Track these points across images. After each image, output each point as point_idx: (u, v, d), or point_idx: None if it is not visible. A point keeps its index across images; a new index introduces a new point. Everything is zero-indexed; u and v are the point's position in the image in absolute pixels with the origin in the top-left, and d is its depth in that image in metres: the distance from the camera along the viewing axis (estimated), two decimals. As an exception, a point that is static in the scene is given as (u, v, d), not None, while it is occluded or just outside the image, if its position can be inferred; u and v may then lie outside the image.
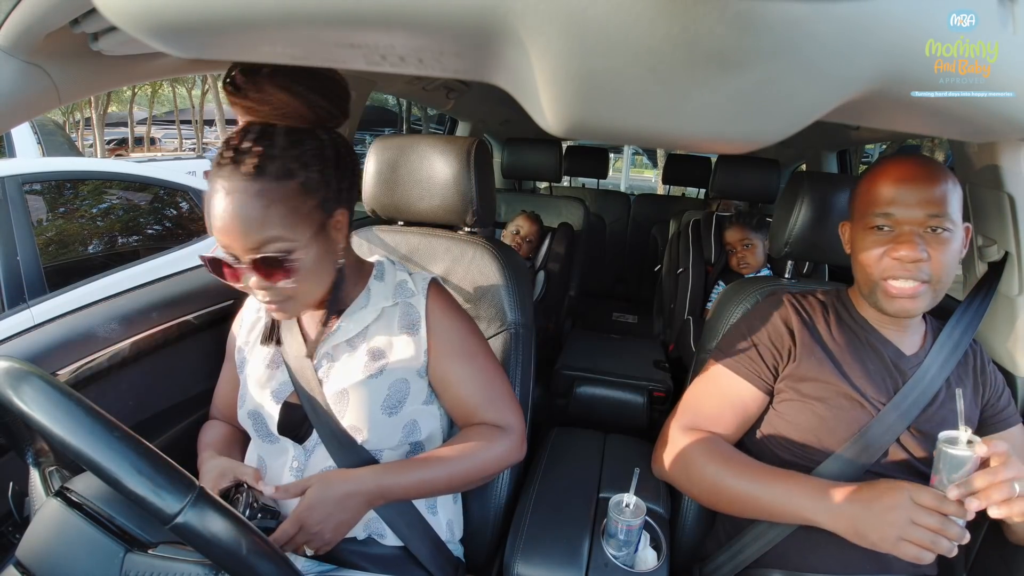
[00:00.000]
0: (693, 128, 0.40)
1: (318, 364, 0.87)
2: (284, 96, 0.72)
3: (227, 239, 0.73)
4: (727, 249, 2.14)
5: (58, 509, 0.55)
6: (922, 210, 0.81)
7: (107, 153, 13.63)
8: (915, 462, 0.87)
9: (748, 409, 0.94)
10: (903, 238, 0.82)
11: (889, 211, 0.83)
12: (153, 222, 3.05)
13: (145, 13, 0.42)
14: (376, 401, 0.85)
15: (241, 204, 0.71)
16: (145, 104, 16.79)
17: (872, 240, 0.85)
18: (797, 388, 0.91)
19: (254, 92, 0.71)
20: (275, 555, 0.54)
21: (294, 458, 0.86)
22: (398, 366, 0.88)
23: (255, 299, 0.87)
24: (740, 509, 0.87)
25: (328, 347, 0.88)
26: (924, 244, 0.81)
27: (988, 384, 0.92)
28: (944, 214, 0.81)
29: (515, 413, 0.93)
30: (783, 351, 0.93)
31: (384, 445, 0.87)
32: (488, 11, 0.34)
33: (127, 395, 1.01)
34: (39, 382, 0.51)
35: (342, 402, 0.85)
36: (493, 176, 1.16)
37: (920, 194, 0.81)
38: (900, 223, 0.83)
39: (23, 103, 0.64)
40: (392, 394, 0.87)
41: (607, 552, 0.88)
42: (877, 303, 0.87)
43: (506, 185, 2.97)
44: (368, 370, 0.86)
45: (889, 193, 0.83)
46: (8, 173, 2.31)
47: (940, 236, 0.81)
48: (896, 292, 0.83)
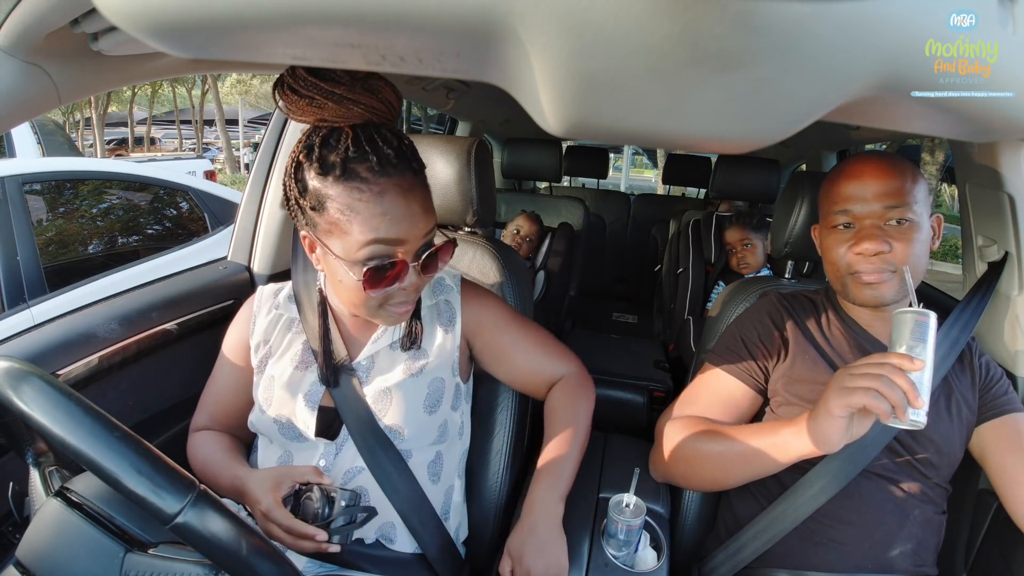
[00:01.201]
0: (693, 128, 0.40)
1: (358, 365, 0.88)
2: (367, 96, 0.72)
3: (412, 233, 0.75)
4: (727, 249, 2.15)
5: (58, 509, 0.55)
6: (879, 203, 0.82)
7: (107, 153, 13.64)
8: (911, 459, 0.87)
9: (740, 406, 0.95)
10: (864, 232, 0.83)
11: (847, 207, 0.84)
12: (153, 222, 3.05)
13: (145, 13, 0.42)
14: (418, 400, 0.87)
15: (422, 198, 0.76)
16: (145, 104, 16.81)
17: (835, 238, 0.87)
18: (791, 389, 0.91)
19: (349, 92, 0.71)
20: (275, 555, 0.54)
21: (322, 456, 0.86)
22: (435, 364, 0.90)
23: (362, 306, 0.80)
24: (725, 469, 0.86)
25: (374, 349, 0.88)
26: (885, 236, 0.82)
27: (984, 371, 0.91)
28: (903, 204, 0.82)
29: (568, 356, 1.01)
30: (773, 350, 0.94)
31: (419, 444, 0.89)
32: (488, 11, 0.34)
33: (127, 395, 1.01)
34: (39, 382, 0.51)
35: (383, 402, 0.86)
36: (493, 176, 1.16)
37: (876, 187, 0.82)
38: (860, 218, 0.84)
39: (23, 103, 0.64)
40: (431, 393, 0.89)
41: (607, 552, 0.88)
42: (850, 295, 0.88)
43: (506, 185, 2.97)
44: (409, 370, 0.88)
45: (846, 190, 0.85)
46: (8, 173, 2.31)
47: (902, 227, 0.82)
48: (864, 279, 0.84)
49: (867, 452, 0.86)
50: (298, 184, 0.75)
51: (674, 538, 1.05)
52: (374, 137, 0.73)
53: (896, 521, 0.87)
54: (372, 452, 0.85)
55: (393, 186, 0.73)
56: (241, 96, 17.70)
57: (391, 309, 0.80)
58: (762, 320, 0.97)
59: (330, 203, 0.72)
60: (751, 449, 0.82)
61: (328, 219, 0.73)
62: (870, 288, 0.85)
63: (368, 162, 0.72)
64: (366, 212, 0.72)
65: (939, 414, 0.88)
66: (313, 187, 0.73)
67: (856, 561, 0.86)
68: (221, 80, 15.30)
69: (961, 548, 1.00)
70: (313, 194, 0.73)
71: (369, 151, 0.72)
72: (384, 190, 0.72)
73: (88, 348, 0.93)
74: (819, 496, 0.86)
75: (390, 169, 0.73)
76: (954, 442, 0.88)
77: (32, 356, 0.86)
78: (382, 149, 0.73)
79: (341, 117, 0.72)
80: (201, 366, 1.15)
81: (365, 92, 0.71)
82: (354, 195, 0.72)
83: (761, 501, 0.94)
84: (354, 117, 0.72)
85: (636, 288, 3.43)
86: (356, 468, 0.86)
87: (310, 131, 0.75)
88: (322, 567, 0.85)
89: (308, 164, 0.73)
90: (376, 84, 0.73)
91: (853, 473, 0.86)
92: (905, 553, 0.87)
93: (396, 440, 0.86)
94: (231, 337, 0.95)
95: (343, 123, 0.73)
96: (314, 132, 0.74)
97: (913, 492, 0.88)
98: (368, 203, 0.72)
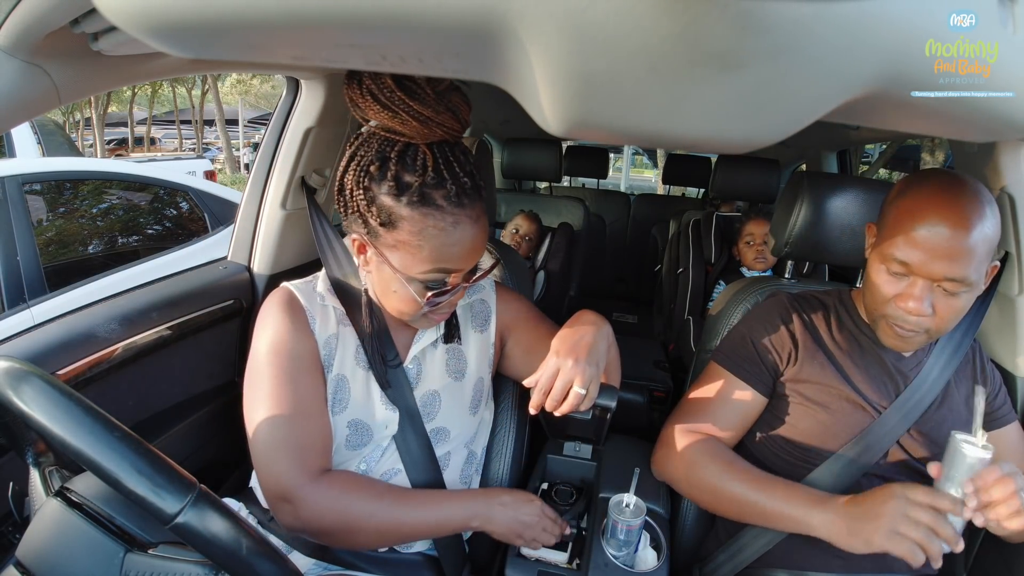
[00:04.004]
0: (693, 128, 0.40)
1: (407, 369, 0.88)
2: (450, 116, 0.72)
3: (472, 262, 0.78)
4: (745, 242, 2.10)
5: (58, 509, 0.55)
6: (941, 270, 0.76)
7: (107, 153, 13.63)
8: (914, 463, 0.87)
9: (748, 412, 0.94)
10: (913, 290, 0.79)
11: (907, 260, 0.78)
12: (153, 222, 3.05)
13: (145, 13, 0.42)
14: (464, 403, 0.90)
15: (485, 225, 0.77)
16: (145, 104, 16.79)
17: (884, 279, 0.82)
18: (799, 391, 0.91)
19: (434, 114, 0.70)
20: (275, 555, 0.54)
21: (362, 460, 0.86)
22: (476, 364, 0.93)
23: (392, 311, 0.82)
24: (738, 513, 0.87)
25: (416, 351, 0.89)
26: (932, 298, 0.78)
27: (987, 383, 0.92)
28: (963, 278, 0.75)
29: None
30: (783, 353, 0.93)
31: (458, 444, 0.91)
32: (488, 11, 0.34)
33: (127, 395, 1.01)
34: (39, 382, 0.51)
35: (432, 404, 0.88)
36: (493, 176, 1.16)
37: (944, 249, 0.75)
38: (915, 273, 0.78)
39: (23, 103, 0.64)
40: (475, 394, 0.92)
41: (607, 552, 0.88)
42: (878, 331, 0.87)
43: (506, 185, 2.97)
44: (452, 372, 0.90)
45: (913, 239, 0.77)
46: (8, 173, 2.31)
47: (951, 293, 0.78)
48: (894, 335, 0.83)
49: (872, 454, 0.86)
50: (366, 194, 0.72)
51: (674, 538, 1.05)
52: (451, 160, 0.73)
53: None
54: (411, 455, 0.86)
55: (465, 217, 0.73)
56: (241, 96, 17.69)
57: (433, 316, 0.82)
58: (772, 321, 0.96)
59: (402, 224, 0.71)
60: (772, 511, 0.82)
61: (397, 237, 0.73)
62: (900, 339, 0.83)
63: (445, 189, 0.71)
64: (437, 240, 0.72)
65: (945, 416, 0.88)
66: (385, 203, 0.72)
67: (855, 561, 0.86)
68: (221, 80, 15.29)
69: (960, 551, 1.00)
70: (384, 210, 0.72)
71: (448, 177, 0.71)
72: (458, 221, 0.72)
73: (88, 348, 0.93)
74: (820, 496, 0.86)
75: (465, 199, 0.73)
76: None
77: (32, 356, 0.86)
78: (460, 176, 0.72)
79: (419, 135, 0.71)
80: (201, 366, 1.15)
81: (448, 113, 0.71)
82: (428, 221, 0.71)
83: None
84: (433, 137, 0.72)
85: (636, 288, 3.43)
86: (392, 471, 0.86)
87: (381, 142, 0.72)
88: (325, 568, 0.85)
89: (380, 178, 0.71)
90: (457, 102, 0.72)
91: (856, 476, 0.86)
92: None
93: (441, 443, 0.88)
94: (291, 345, 0.80)
95: (419, 140, 0.72)
96: (386, 145, 0.72)
97: (913, 492, 0.88)
98: (441, 232, 0.72)
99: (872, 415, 0.87)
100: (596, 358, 0.76)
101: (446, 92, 0.71)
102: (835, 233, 1.06)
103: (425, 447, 0.86)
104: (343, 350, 0.85)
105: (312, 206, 1.08)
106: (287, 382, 0.77)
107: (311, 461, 0.76)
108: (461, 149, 0.76)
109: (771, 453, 0.93)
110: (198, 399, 1.13)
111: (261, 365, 0.79)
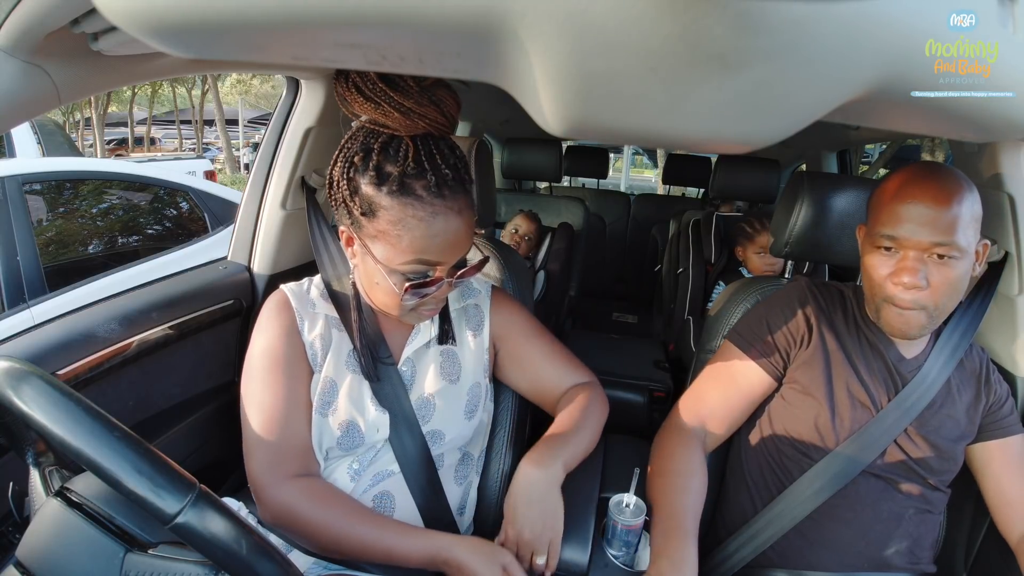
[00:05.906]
0: (693, 128, 0.40)
1: (401, 370, 0.88)
2: (433, 109, 0.72)
3: (455, 256, 0.77)
4: (756, 253, 2.02)
5: (58, 509, 0.55)
6: (928, 237, 0.78)
7: (107, 153, 13.63)
8: (911, 462, 0.87)
9: (754, 392, 0.95)
10: (905, 263, 0.80)
11: (894, 234, 0.80)
12: (153, 222, 3.05)
13: (145, 13, 0.42)
14: (459, 407, 0.89)
15: (469, 219, 0.76)
16: (145, 104, 16.79)
17: (877, 260, 0.84)
18: (805, 378, 0.91)
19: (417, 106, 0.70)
20: (275, 555, 0.54)
21: (356, 459, 0.85)
22: (471, 369, 0.92)
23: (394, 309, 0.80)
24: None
25: (410, 351, 0.89)
26: (926, 271, 0.79)
27: (991, 393, 0.91)
28: (951, 242, 0.77)
29: (586, 371, 1.00)
30: (797, 337, 0.93)
31: (452, 447, 0.90)
32: (488, 11, 0.34)
33: (127, 395, 1.01)
34: (39, 382, 0.51)
35: (427, 407, 0.87)
36: (493, 176, 1.16)
37: (929, 217, 0.78)
38: (904, 246, 0.80)
39: (23, 103, 0.64)
40: (471, 399, 0.91)
41: (607, 552, 0.88)
42: (881, 320, 0.86)
43: (506, 185, 2.97)
44: (447, 376, 0.89)
45: (897, 214, 0.80)
46: (8, 173, 2.31)
47: (944, 262, 0.79)
48: (894, 317, 0.83)
49: (869, 453, 0.86)
50: (349, 184, 0.74)
51: (674, 538, 1.04)
52: (433, 153, 0.73)
53: (892, 520, 0.87)
54: (407, 456, 0.85)
55: (446, 209, 0.73)
56: (241, 96, 17.70)
57: (421, 311, 0.82)
58: (791, 304, 0.96)
59: (382, 213, 0.72)
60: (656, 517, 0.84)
61: (377, 227, 0.73)
62: (900, 320, 0.83)
63: (425, 180, 0.71)
64: (417, 231, 0.72)
65: (944, 420, 0.88)
66: (366, 193, 0.72)
67: (852, 560, 0.86)
68: (221, 80, 15.29)
69: (961, 548, 1.00)
70: (365, 200, 0.72)
71: (428, 168, 0.71)
72: (437, 212, 0.72)
73: (88, 348, 0.93)
74: (817, 496, 0.87)
75: (446, 191, 0.72)
76: (956, 448, 0.88)
77: (32, 356, 0.86)
78: (441, 168, 0.72)
79: (403, 127, 0.71)
80: (201, 366, 1.15)
81: (432, 106, 0.71)
82: (407, 211, 0.71)
83: (759, 502, 0.94)
84: (416, 129, 0.72)
85: (636, 288, 3.43)
86: (387, 472, 0.86)
87: (367, 134, 0.74)
88: (325, 567, 0.85)
89: (363, 168, 0.72)
90: (442, 96, 0.72)
91: (853, 473, 0.86)
92: (901, 551, 0.87)
93: (435, 445, 0.87)
94: (279, 348, 0.82)
95: (403, 132, 0.72)
96: (371, 136, 0.73)
97: (911, 493, 0.88)
98: (420, 222, 0.72)
99: (871, 412, 0.87)
100: (541, 523, 0.77)
101: (432, 86, 0.72)
102: (835, 233, 1.06)
103: (421, 448, 0.86)
104: (335, 354, 0.85)
105: (312, 206, 1.08)
106: (269, 386, 0.80)
107: (284, 464, 0.78)
108: (447, 143, 0.76)
109: (774, 447, 0.93)
110: (198, 399, 1.13)
111: (250, 368, 0.82)
